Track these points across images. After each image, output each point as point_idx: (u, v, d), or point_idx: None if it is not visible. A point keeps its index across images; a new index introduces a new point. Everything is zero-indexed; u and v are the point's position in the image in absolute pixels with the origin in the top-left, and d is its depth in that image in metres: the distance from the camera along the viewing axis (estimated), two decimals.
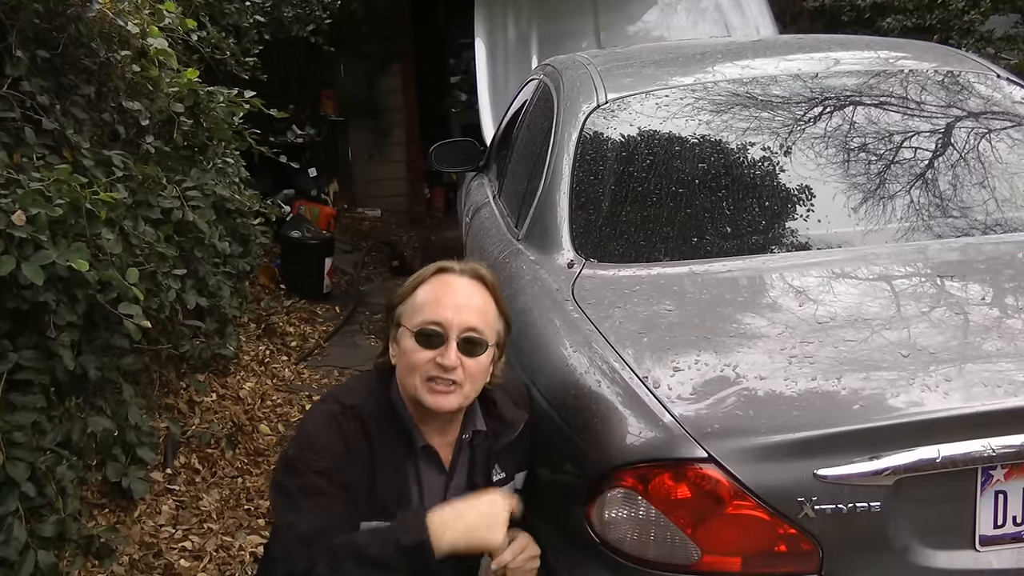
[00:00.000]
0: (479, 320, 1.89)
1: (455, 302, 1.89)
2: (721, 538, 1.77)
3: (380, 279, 7.15)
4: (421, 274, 1.97)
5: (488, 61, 6.29)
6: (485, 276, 1.96)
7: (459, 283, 1.93)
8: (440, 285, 1.93)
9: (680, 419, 1.78)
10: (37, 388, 2.55)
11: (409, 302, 1.93)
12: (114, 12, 3.18)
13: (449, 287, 1.92)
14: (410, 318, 1.90)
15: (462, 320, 1.87)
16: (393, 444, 1.92)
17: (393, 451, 1.92)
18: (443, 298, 1.89)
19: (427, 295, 1.91)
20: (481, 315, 1.90)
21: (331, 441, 1.86)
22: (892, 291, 2.20)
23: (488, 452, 1.99)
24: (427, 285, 1.93)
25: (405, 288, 1.97)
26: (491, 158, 4.53)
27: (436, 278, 1.94)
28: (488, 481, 1.99)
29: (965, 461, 1.73)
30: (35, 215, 2.32)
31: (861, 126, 2.73)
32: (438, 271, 1.95)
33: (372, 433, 1.90)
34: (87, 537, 2.73)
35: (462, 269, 1.96)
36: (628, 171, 2.68)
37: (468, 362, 1.87)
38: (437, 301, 1.89)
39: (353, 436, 1.88)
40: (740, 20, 6.10)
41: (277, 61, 5.74)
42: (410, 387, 1.89)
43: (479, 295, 1.93)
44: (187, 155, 3.81)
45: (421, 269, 2.01)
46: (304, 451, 1.87)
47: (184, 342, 3.74)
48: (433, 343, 1.86)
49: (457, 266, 1.96)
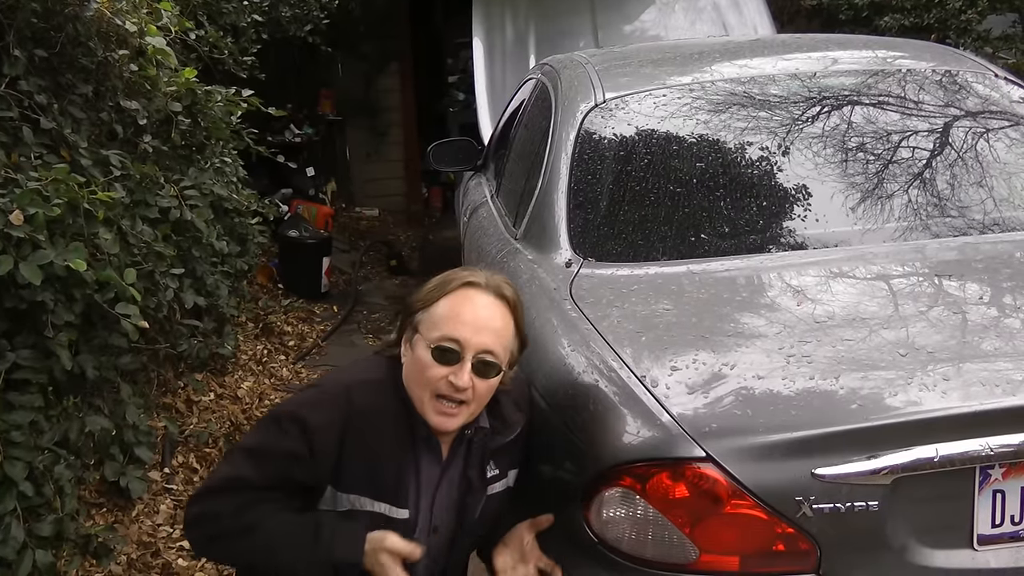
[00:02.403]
0: (496, 343, 1.88)
1: (476, 322, 1.87)
2: (719, 537, 1.77)
3: (378, 278, 7.15)
4: (446, 283, 1.93)
5: (486, 60, 6.29)
6: (508, 296, 1.94)
7: (482, 301, 1.90)
8: (463, 300, 1.90)
9: (678, 418, 1.78)
10: (35, 387, 2.55)
11: (431, 310, 1.90)
12: (112, 11, 3.18)
13: (471, 305, 1.89)
14: (428, 329, 1.88)
15: (480, 341, 1.86)
16: (400, 427, 1.92)
17: (398, 434, 1.92)
18: (464, 315, 1.87)
19: (449, 309, 1.89)
20: (499, 338, 1.89)
21: (324, 432, 1.86)
22: (890, 290, 2.20)
23: (484, 449, 2.00)
24: (450, 298, 1.90)
25: (428, 294, 1.94)
26: (489, 157, 4.53)
27: (461, 292, 1.91)
28: (482, 476, 1.99)
29: (963, 460, 1.73)
30: (33, 214, 2.32)
31: (859, 126, 2.73)
32: (463, 285, 1.92)
33: (382, 411, 1.91)
34: (85, 536, 2.73)
35: (487, 284, 1.92)
36: (626, 170, 2.68)
37: (479, 383, 1.86)
38: (458, 317, 1.87)
39: (359, 410, 1.88)
40: (737, 19, 6.11)
41: (275, 61, 5.74)
42: (417, 399, 1.89)
43: (500, 316, 1.91)
44: (185, 154, 3.81)
45: (448, 274, 1.97)
46: (292, 423, 1.87)
47: (182, 341, 3.74)
48: (448, 360, 1.85)
49: (483, 280, 1.93)
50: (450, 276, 1.96)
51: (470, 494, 1.98)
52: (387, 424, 1.91)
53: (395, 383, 1.95)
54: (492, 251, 3.09)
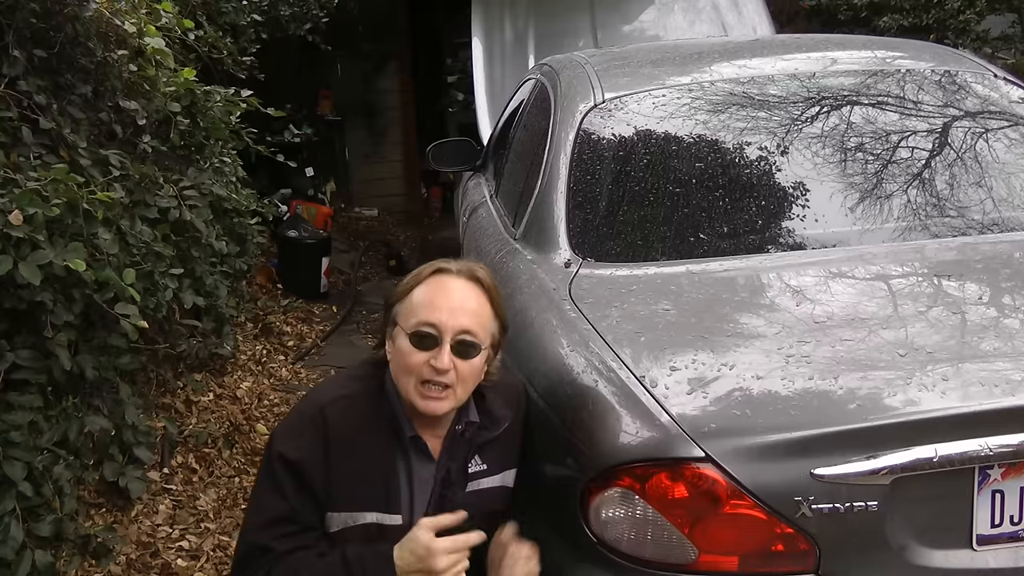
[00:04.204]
0: (473, 323, 1.90)
1: (450, 304, 1.90)
2: (718, 537, 1.77)
3: (377, 279, 7.14)
4: (418, 274, 1.98)
5: (485, 60, 6.29)
6: (482, 277, 1.97)
7: (455, 285, 1.94)
8: (436, 286, 1.93)
9: (677, 418, 1.78)
10: (34, 388, 2.55)
11: (405, 302, 1.94)
12: (111, 11, 3.18)
13: (445, 288, 1.93)
14: (405, 318, 1.92)
15: (456, 323, 1.88)
16: (383, 435, 1.93)
17: (382, 442, 1.93)
18: (438, 300, 1.90)
19: (423, 296, 1.92)
20: (476, 317, 1.92)
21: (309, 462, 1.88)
22: (889, 291, 2.20)
23: (470, 444, 2.00)
24: (423, 286, 1.94)
25: (403, 287, 1.98)
26: (488, 157, 4.53)
27: (433, 279, 1.95)
28: (463, 470, 1.99)
29: (962, 460, 1.73)
30: (32, 215, 2.32)
31: (858, 126, 2.73)
32: (435, 272, 1.96)
33: (360, 423, 1.92)
34: (84, 537, 2.73)
35: (459, 270, 1.96)
36: (625, 170, 2.68)
37: (461, 364, 1.88)
38: (432, 303, 1.90)
39: (336, 428, 1.89)
40: (737, 19, 6.11)
41: (274, 61, 5.73)
42: (403, 388, 1.91)
43: (475, 297, 1.94)
44: (184, 154, 3.81)
45: (419, 267, 2.01)
46: (280, 464, 1.89)
47: (181, 341, 3.74)
48: (427, 345, 1.87)
49: (454, 266, 1.97)
50: (423, 267, 2.00)
51: (448, 487, 1.98)
52: (367, 435, 1.92)
53: (376, 389, 1.97)
54: (491, 251, 3.09)
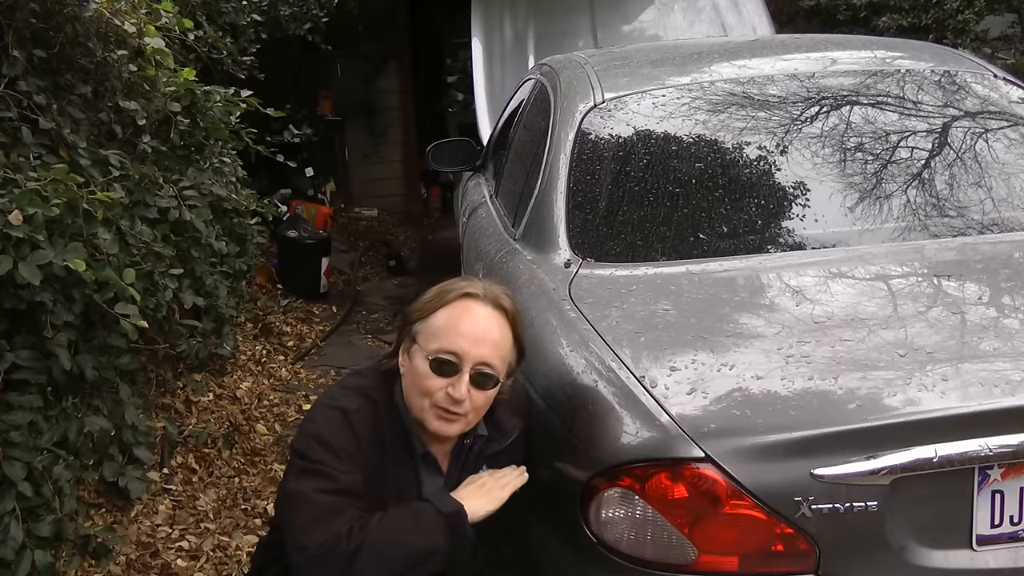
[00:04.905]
0: (494, 354, 1.88)
1: (474, 333, 1.87)
2: (718, 538, 1.77)
3: (377, 279, 7.15)
4: (444, 293, 1.93)
5: (485, 60, 6.29)
6: (507, 307, 1.94)
7: (481, 313, 1.90)
8: (462, 311, 1.90)
9: (677, 419, 1.78)
10: (34, 388, 2.55)
11: (429, 321, 1.91)
12: (111, 12, 3.18)
13: (470, 316, 1.89)
14: (426, 340, 1.89)
15: (479, 353, 1.86)
16: (397, 446, 1.93)
17: (397, 452, 1.93)
18: (462, 327, 1.87)
19: (446, 321, 1.89)
20: (497, 349, 1.89)
21: (345, 442, 1.85)
22: (889, 291, 2.20)
23: (480, 455, 2.01)
24: (448, 309, 1.90)
25: (425, 304, 1.94)
26: (488, 158, 4.53)
27: (459, 303, 1.91)
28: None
29: (962, 460, 1.73)
30: (32, 215, 2.32)
31: (858, 126, 2.73)
32: (461, 296, 1.92)
33: (380, 433, 1.91)
34: (84, 537, 2.73)
35: (485, 295, 1.92)
36: (625, 171, 2.68)
37: (476, 395, 1.87)
38: (456, 330, 1.87)
39: (361, 430, 1.88)
40: (736, 19, 6.11)
41: (274, 61, 5.73)
42: (416, 407, 1.90)
43: (498, 327, 1.91)
44: (184, 154, 3.81)
45: (446, 284, 1.96)
46: (317, 448, 1.84)
47: (181, 342, 3.74)
48: (446, 371, 1.85)
49: (481, 291, 1.93)
50: (448, 286, 1.95)
51: None
52: (385, 445, 1.92)
53: (387, 402, 1.94)
54: (491, 251, 3.09)
